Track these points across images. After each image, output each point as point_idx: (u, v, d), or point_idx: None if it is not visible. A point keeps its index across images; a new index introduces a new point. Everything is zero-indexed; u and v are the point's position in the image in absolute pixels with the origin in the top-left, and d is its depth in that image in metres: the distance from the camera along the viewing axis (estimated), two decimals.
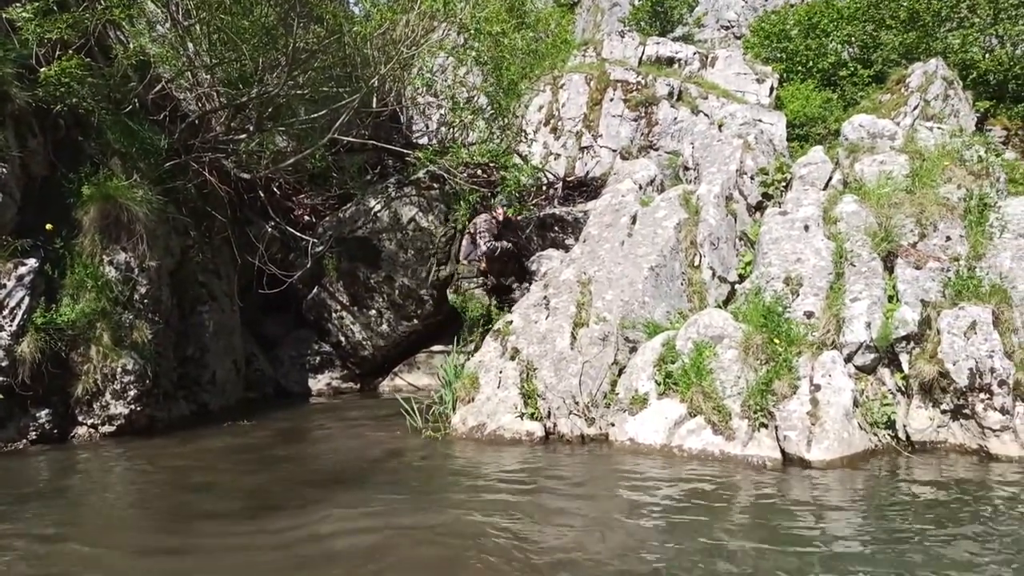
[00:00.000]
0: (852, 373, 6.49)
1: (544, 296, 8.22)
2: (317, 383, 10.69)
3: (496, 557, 4.02)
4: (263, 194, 9.98)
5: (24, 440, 7.06)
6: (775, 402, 6.25)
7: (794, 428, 6.03)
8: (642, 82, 16.07)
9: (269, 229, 10.23)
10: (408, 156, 10.56)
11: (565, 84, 16.48)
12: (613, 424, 6.85)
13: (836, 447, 5.91)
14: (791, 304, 7.06)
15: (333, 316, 10.95)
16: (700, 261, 8.16)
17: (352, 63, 9.64)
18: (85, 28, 7.54)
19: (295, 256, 10.44)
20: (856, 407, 6.27)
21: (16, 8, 7.45)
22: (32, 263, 7.19)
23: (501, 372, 7.53)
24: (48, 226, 7.41)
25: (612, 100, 16.02)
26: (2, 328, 6.85)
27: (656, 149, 15.46)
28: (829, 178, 8.44)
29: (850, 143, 8.70)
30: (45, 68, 7.32)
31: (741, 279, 8.17)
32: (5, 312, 6.90)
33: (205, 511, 5.02)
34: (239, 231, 9.72)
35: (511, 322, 8.09)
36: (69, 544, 4.37)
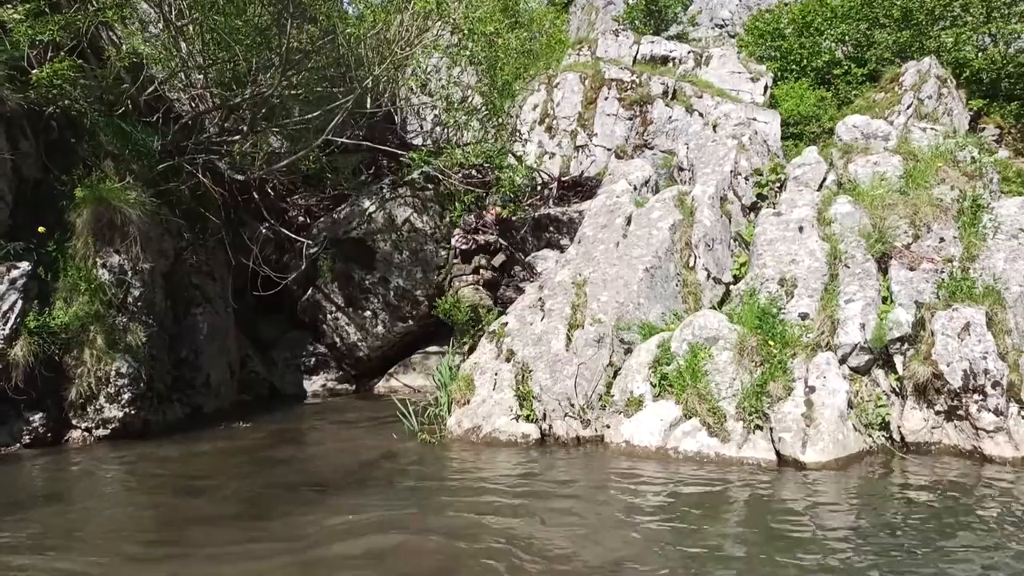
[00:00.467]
0: (846, 374, 6.51)
1: (539, 298, 8.22)
2: (312, 384, 10.66)
3: (494, 562, 4.02)
4: (257, 195, 9.94)
5: (17, 444, 7.03)
6: (770, 404, 6.27)
7: (789, 430, 6.05)
8: (637, 81, 16.07)
9: (263, 230, 10.19)
10: (403, 157, 10.54)
11: (560, 83, 16.47)
12: (609, 426, 6.86)
13: (831, 449, 5.93)
14: (786, 305, 7.07)
15: (328, 317, 10.93)
16: (695, 262, 8.17)
17: (346, 63, 9.61)
18: (77, 30, 7.50)
19: (289, 257, 10.42)
20: (851, 408, 6.29)
21: (7, 10, 7.39)
22: (25, 266, 7.15)
23: (496, 374, 7.52)
24: (41, 229, 7.38)
25: (607, 99, 16.02)
26: None
27: (651, 148, 15.47)
28: (823, 179, 8.45)
29: (844, 144, 8.72)
30: (37, 70, 7.28)
31: (736, 280, 8.18)
32: None
33: (200, 516, 5.00)
34: (233, 233, 9.68)
35: (506, 324, 8.08)
36: (61, 552, 4.35)
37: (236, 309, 9.82)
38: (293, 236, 10.06)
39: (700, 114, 15.27)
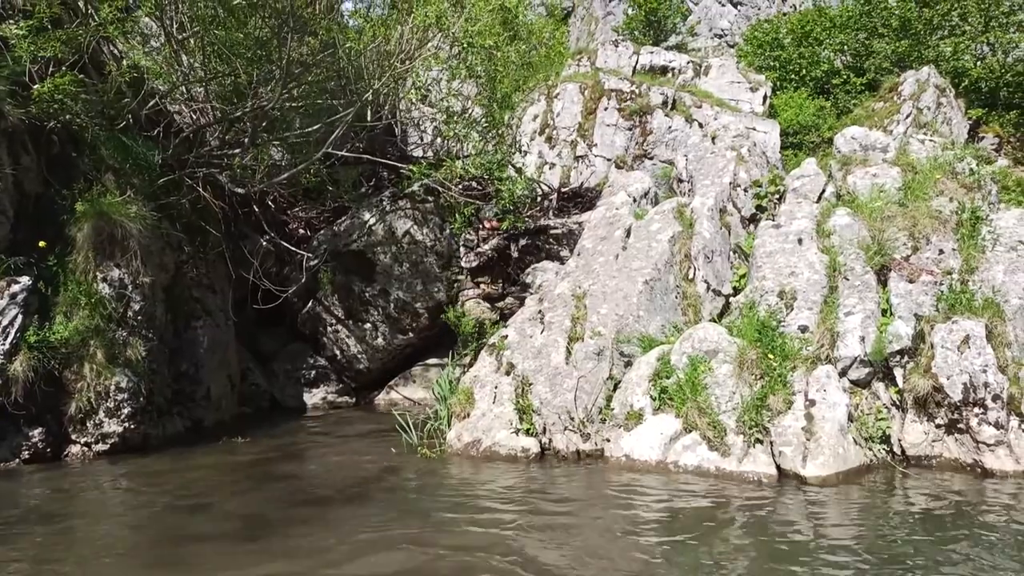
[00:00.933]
0: (847, 388, 6.50)
1: (539, 310, 8.23)
2: (312, 397, 10.66)
3: None
4: (257, 208, 9.97)
5: (17, 459, 7.02)
6: (770, 417, 6.26)
7: (789, 444, 6.04)
8: (636, 91, 16.13)
9: (264, 243, 10.21)
10: (403, 169, 10.57)
11: (560, 93, 16.53)
12: (609, 440, 6.85)
13: (831, 463, 5.91)
14: (785, 318, 7.07)
15: (328, 330, 10.93)
16: (694, 274, 8.18)
17: (346, 76, 9.65)
18: (79, 45, 7.53)
19: (290, 270, 10.43)
20: (851, 422, 6.28)
21: (9, 26, 7.43)
22: (25, 281, 7.16)
23: (496, 387, 7.52)
24: (41, 243, 7.39)
25: (606, 109, 16.08)
26: None
27: (650, 158, 15.51)
28: (822, 190, 8.47)
29: (843, 155, 8.74)
30: (38, 85, 7.30)
31: (736, 292, 8.19)
32: None
33: (199, 534, 4.99)
34: (233, 245, 9.69)
35: (506, 336, 8.08)
36: (59, 571, 4.34)
37: (236, 322, 9.82)
38: (293, 249, 10.08)
39: (699, 124, 15.31)
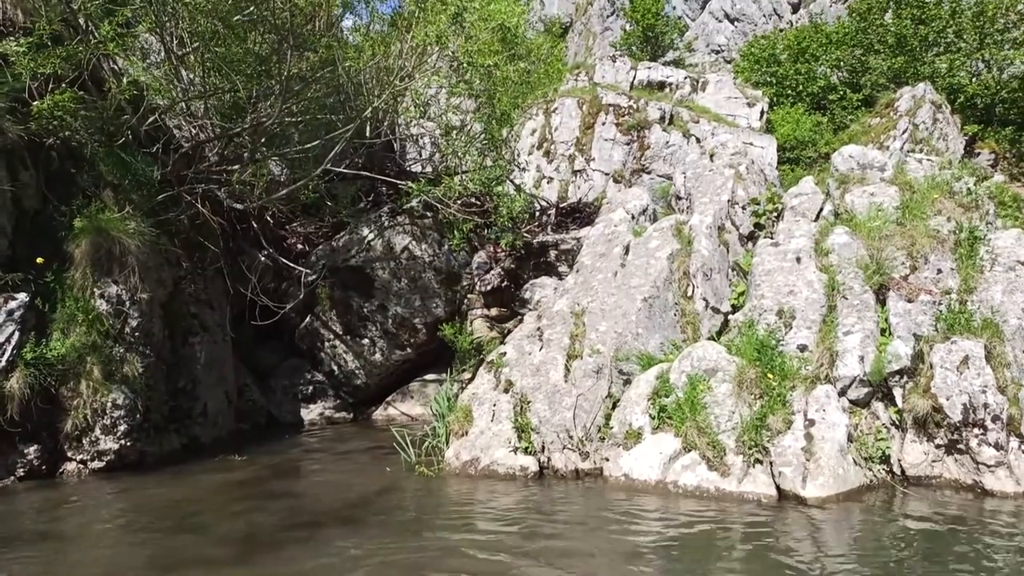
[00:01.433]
0: (846, 407, 6.49)
1: (538, 327, 8.22)
2: (310, 413, 10.61)
3: None
4: (256, 223, 9.96)
5: (12, 477, 6.96)
6: (770, 437, 6.25)
7: (789, 464, 6.02)
8: (634, 106, 16.21)
9: (262, 258, 10.19)
10: (401, 185, 10.58)
11: (558, 108, 16.62)
12: (607, 459, 6.82)
13: (831, 483, 5.90)
14: (784, 337, 7.07)
15: (326, 345, 10.90)
16: (693, 292, 8.18)
17: (345, 91, 9.68)
18: (79, 61, 7.55)
19: (288, 285, 10.41)
20: (850, 442, 6.27)
21: (10, 42, 7.45)
22: (22, 297, 7.13)
23: (495, 405, 7.50)
24: (39, 260, 7.36)
25: (604, 124, 16.16)
26: None
27: (648, 172, 15.58)
28: (820, 209, 8.49)
29: (840, 174, 8.77)
30: (38, 102, 7.30)
31: (734, 309, 8.18)
32: None
33: (194, 557, 4.94)
34: (231, 261, 9.67)
35: (504, 353, 8.07)
36: None
37: (234, 337, 9.78)
38: (292, 264, 10.06)
39: (697, 139, 15.39)
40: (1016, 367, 6.33)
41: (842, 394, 6.58)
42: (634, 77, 17.42)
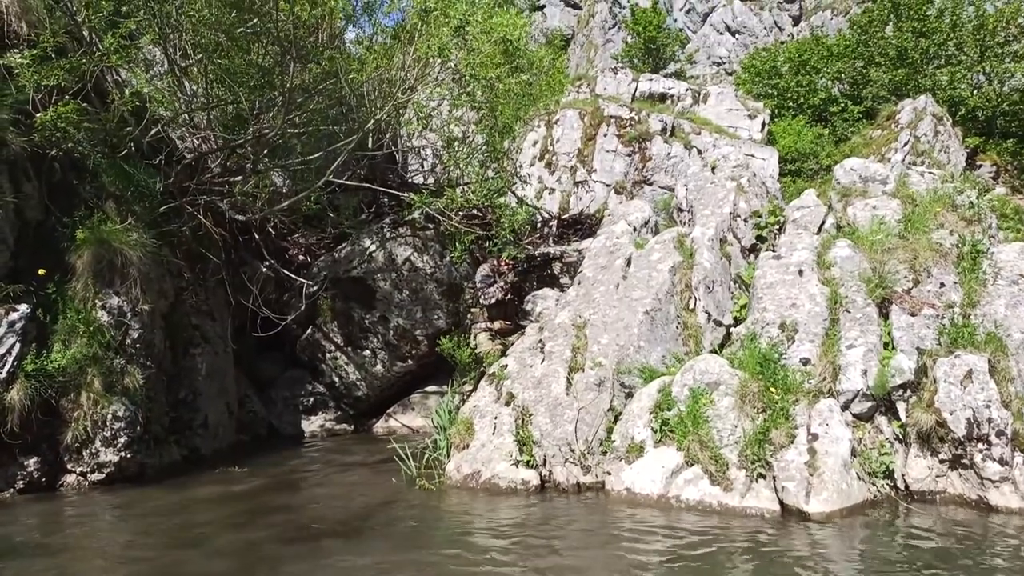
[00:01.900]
0: (849, 421, 6.46)
1: (539, 340, 8.20)
2: (311, 424, 10.57)
3: None
4: (258, 235, 9.96)
5: (12, 489, 6.94)
6: (772, 452, 6.21)
7: (792, 479, 5.98)
8: (635, 118, 16.25)
9: (263, 270, 10.19)
10: (403, 196, 10.59)
11: (559, 119, 16.66)
12: (609, 473, 6.78)
13: (835, 498, 5.86)
14: (787, 350, 7.04)
15: (327, 356, 10.88)
16: (695, 304, 8.16)
17: (348, 103, 9.72)
18: (82, 73, 7.58)
19: (289, 296, 10.40)
20: (854, 456, 6.24)
21: (14, 55, 7.48)
22: (24, 309, 7.13)
23: (496, 418, 7.47)
24: (41, 271, 7.36)
25: (606, 135, 16.19)
26: None
27: (650, 184, 15.59)
28: (822, 222, 8.48)
29: (842, 187, 8.77)
30: (41, 113, 7.33)
31: (736, 322, 8.16)
32: None
33: (196, 570, 4.92)
34: (233, 272, 9.67)
35: (506, 366, 8.04)
36: None
37: (235, 349, 9.77)
38: (293, 276, 10.06)
39: (699, 151, 15.42)
40: (1020, 381, 6.29)
41: (845, 408, 6.55)
42: (635, 89, 17.47)
